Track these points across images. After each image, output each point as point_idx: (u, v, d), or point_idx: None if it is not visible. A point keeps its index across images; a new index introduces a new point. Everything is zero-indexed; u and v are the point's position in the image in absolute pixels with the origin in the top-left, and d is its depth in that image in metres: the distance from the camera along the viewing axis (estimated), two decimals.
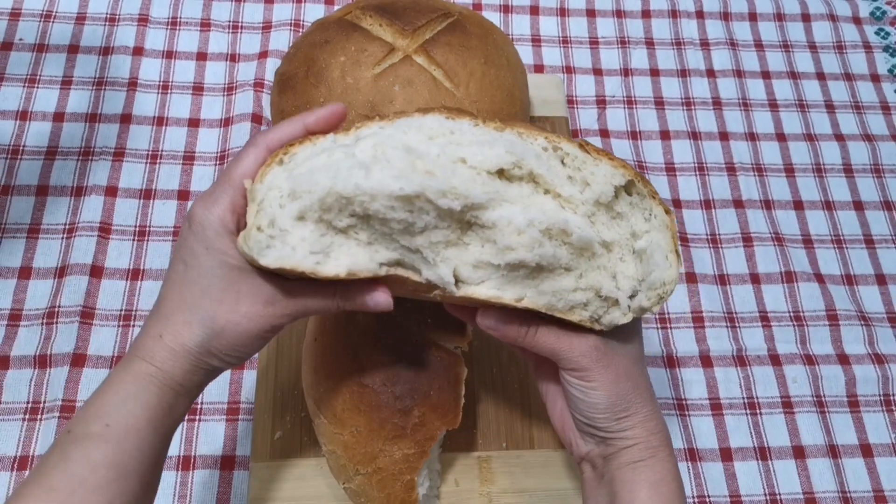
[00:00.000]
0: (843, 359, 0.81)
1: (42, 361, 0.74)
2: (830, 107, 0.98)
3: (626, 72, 0.98)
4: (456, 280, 0.45)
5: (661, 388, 0.79)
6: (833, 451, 0.77)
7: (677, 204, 0.90)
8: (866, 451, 0.77)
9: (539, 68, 0.98)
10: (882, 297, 0.86)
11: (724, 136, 0.95)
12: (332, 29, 0.73)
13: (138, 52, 0.93)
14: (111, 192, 0.84)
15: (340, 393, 0.61)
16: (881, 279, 0.87)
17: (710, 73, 0.99)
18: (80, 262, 0.79)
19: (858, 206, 0.92)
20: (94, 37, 0.93)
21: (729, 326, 0.83)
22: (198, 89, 0.92)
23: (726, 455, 0.76)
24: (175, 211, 0.84)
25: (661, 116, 0.95)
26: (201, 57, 0.94)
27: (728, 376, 0.80)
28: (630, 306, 0.46)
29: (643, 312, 0.47)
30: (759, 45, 1.02)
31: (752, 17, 1.04)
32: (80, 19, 0.95)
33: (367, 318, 0.63)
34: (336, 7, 0.99)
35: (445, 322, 0.63)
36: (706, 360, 0.81)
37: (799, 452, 0.77)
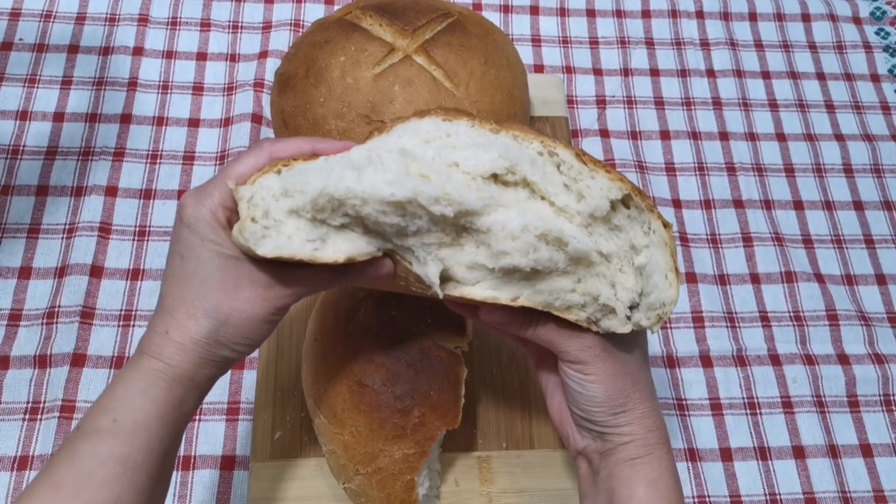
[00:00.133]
0: (843, 359, 0.81)
1: (42, 361, 0.74)
2: (830, 107, 0.98)
3: (626, 72, 0.98)
4: (451, 279, 0.45)
5: (661, 388, 0.79)
6: (833, 451, 0.77)
7: (677, 204, 0.90)
8: (866, 451, 0.77)
9: (539, 68, 0.98)
10: (882, 297, 0.86)
11: (724, 136, 0.95)
12: (332, 29, 0.73)
13: (138, 52, 0.93)
14: (111, 192, 0.84)
15: (340, 393, 0.61)
16: (881, 279, 0.87)
17: (710, 73, 0.99)
18: (80, 262, 0.79)
19: (858, 206, 0.92)
20: (94, 37, 0.93)
21: (729, 326, 0.83)
22: (198, 89, 0.92)
23: (726, 455, 0.76)
24: (175, 211, 0.84)
25: (661, 116, 0.95)
26: (201, 57, 0.94)
27: (728, 376, 0.80)
28: (629, 317, 0.46)
29: (643, 329, 0.47)
30: (759, 45, 1.02)
31: (752, 17, 1.04)
32: (80, 19, 0.95)
33: (368, 318, 0.63)
34: (336, 7, 0.99)
35: (445, 322, 0.63)
36: (706, 360, 0.81)
37: (799, 452, 0.77)
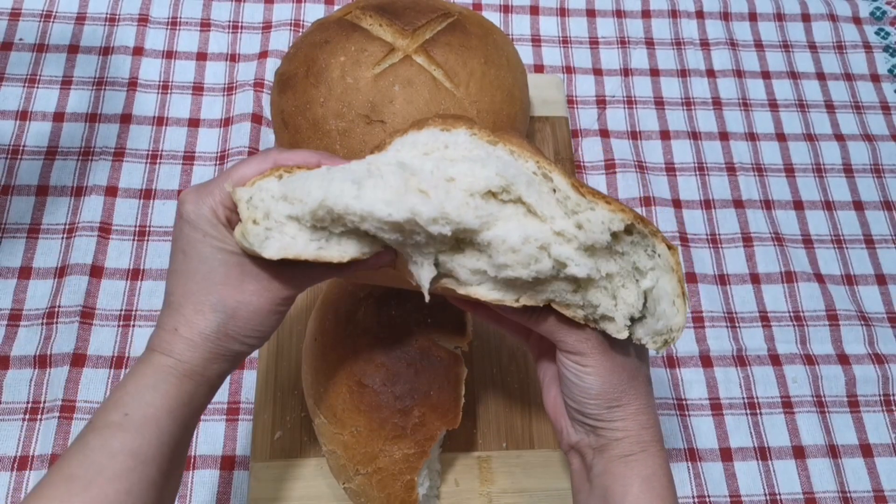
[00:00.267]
0: (843, 359, 0.81)
1: (42, 361, 0.74)
2: (830, 107, 0.98)
3: (626, 72, 0.98)
4: (454, 278, 0.45)
5: (661, 388, 0.79)
6: (833, 451, 0.77)
7: (677, 204, 0.90)
8: (866, 451, 0.77)
9: (539, 68, 0.98)
10: (882, 297, 0.86)
11: (724, 136, 0.95)
12: (332, 29, 0.73)
13: (138, 52, 0.93)
14: (111, 192, 0.84)
15: (340, 393, 0.61)
16: (881, 279, 0.87)
17: (710, 73, 0.99)
18: (80, 262, 0.79)
19: (858, 206, 0.92)
20: (94, 37, 0.93)
21: (729, 326, 0.83)
22: (198, 89, 0.92)
23: (726, 455, 0.76)
24: (175, 211, 0.84)
25: (661, 116, 0.95)
26: (201, 57, 0.94)
27: (728, 376, 0.80)
28: (627, 327, 0.45)
29: (644, 346, 0.46)
30: (759, 45, 1.02)
31: (752, 17, 1.04)
32: (80, 19, 0.95)
33: (368, 318, 0.63)
34: (336, 7, 0.99)
35: (445, 322, 0.63)
36: (706, 360, 0.81)
37: (799, 452, 0.77)
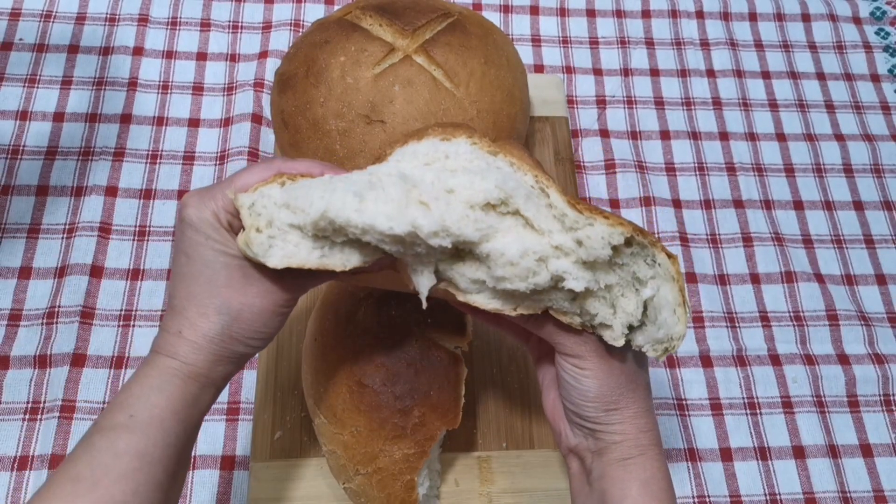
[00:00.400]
0: (843, 359, 0.81)
1: (42, 361, 0.74)
2: (830, 107, 0.98)
3: (626, 72, 0.98)
4: (450, 283, 0.45)
5: (661, 388, 0.79)
6: (833, 451, 0.77)
7: (677, 204, 0.90)
8: (866, 451, 0.77)
9: (539, 68, 0.98)
10: (882, 297, 0.86)
11: (724, 136, 0.95)
12: (332, 29, 0.73)
13: (138, 52, 0.93)
14: (111, 192, 0.84)
15: (340, 393, 0.61)
16: (881, 279, 0.87)
17: (710, 73, 0.99)
18: (80, 262, 0.79)
19: (858, 206, 0.92)
20: (94, 37, 0.93)
21: (729, 326, 0.83)
22: (198, 89, 0.92)
23: (726, 455, 0.76)
24: (175, 211, 0.84)
25: (661, 116, 0.95)
26: (201, 57, 0.94)
27: (728, 376, 0.80)
28: (625, 335, 0.45)
29: (644, 354, 0.46)
30: (759, 45, 1.02)
31: (752, 17, 1.04)
32: (80, 19, 0.95)
33: (368, 318, 0.63)
34: (336, 7, 0.99)
35: (445, 322, 0.63)
36: (706, 360, 0.81)
37: (799, 452, 0.77)
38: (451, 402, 0.61)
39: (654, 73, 0.99)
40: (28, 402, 0.73)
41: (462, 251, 0.44)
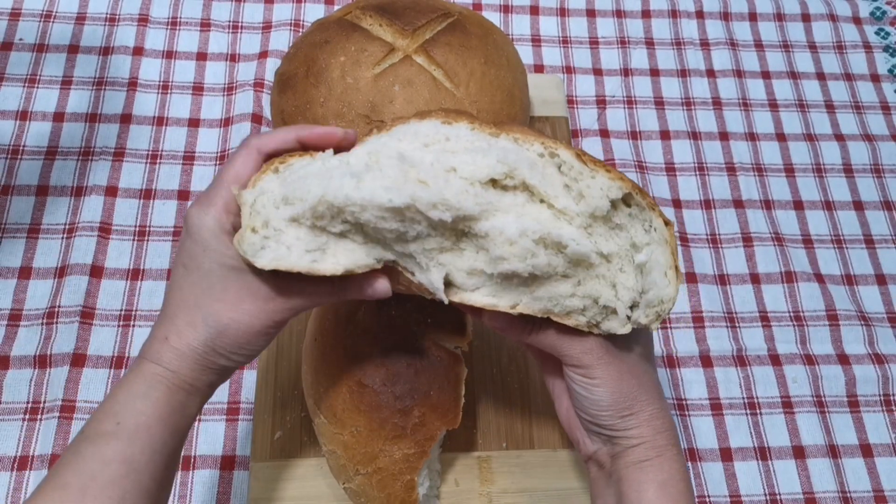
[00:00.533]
0: (843, 359, 0.81)
1: (42, 361, 0.74)
2: (830, 107, 0.98)
3: (626, 72, 0.98)
4: (450, 285, 0.45)
5: None
6: (833, 451, 0.77)
7: (677, 204, 0.90)
8: (866, 451, 0.77)
9: (539, 68, 0.98)
10: (882, 297, 0.86)
11: (724, 136, 0.95)
12: (332, 29, 0.73)
13: (138, 52, 0.93)
14: (111, 192, 0.84)
15: (340, 393, 0.61)
16: (881, 279, 0.87)
17: (710, 73, 0.99)
18: (80, 262, 0.79)
19: (858, 206, 0.92)
20: (94, 37, 0.93)
21: (729, 326, 0.83)
22: (198, 89, 0.92)
23: (726, 455, 0.76)
24: (175, 211, 0.84)
25: (661, 116, 0.95)
26: (201, 57, 0.94)
27: (728, 376, 0.80)
28: (630, 317, 0.46)
29: (642, 327, 0.46)
30: (759, 45, 1.02)
31: (752, 17, 1.04)
32: (80, 19, 0.95)
33: (368, 318, 0.63)
34: (336, 7, 0.99)
35: (445, 322, 0.63)
36: (706, 360, 0.81)
37: (799, 452, 0.77)
38: (451, 402, 0.61)
39: (654, 73, 0.99)
40: (28, 402, 0.73)
41: (462, 234, 0.44)
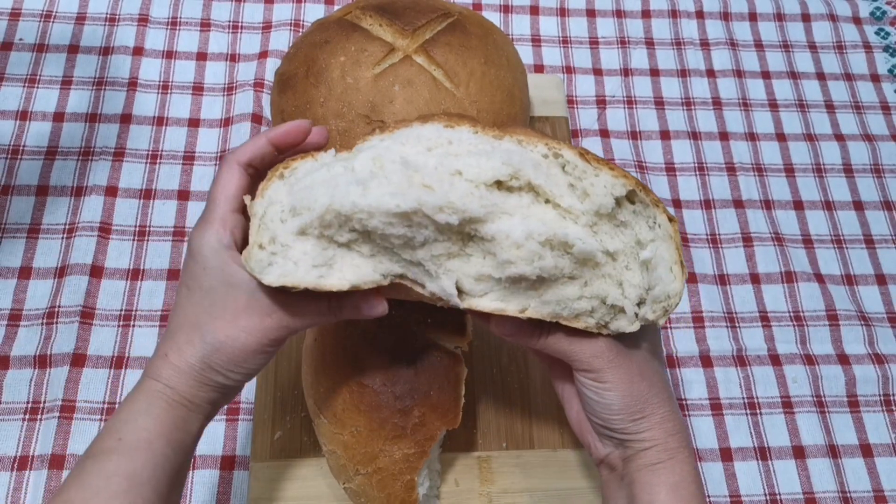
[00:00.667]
0: (843, 359, 0.81)
1: (42, 361, 0.74)
2: (830, 107, 0.98)
3: (626, 72, 0.98)
4: (459, 291, 0.45)
5: None
6: (833, 451, 0.77)
7: (677, 204, 0.90)
8: (866, 451, 0.77)
9: (539, 68, 0.98)
10: (882, 297, 0.86)
11: (724, 136, 0.95)
12: (332, 29, 0.73)
13: (138, 52, 0.93)
14: (111, 192, 0.84)
15: (340, 393, 0.61)
16: (881, 279, 0.87)
17: (710, 73, 0.99)
18: (80, 262, 0.79)
19: (858, 206, 0.92)
20: (94, 37, 0.93)
21: (729, 326, 0.83)
22: (198, 89, 0.92)
23: (726, 455, 0.76)
24: (175, 211, 0.84)
25: (661, 116, 0.95)
26: (201, 57, 0.94)
27: (728, 376, 0.80)
28: (637, 314, 0.46)
29: (649, 323, 0.46)
30: (759, 45, 1.02)
31: (752, 17, 1.04)
32: (80, 19, 0.95)
33: (368, 319, 0.63)
34: (336, 7, 0.99)
35: (445, 322, 0.63)
36: (706, 360, 0.81)
37: (799, 452, 0.77)
38: (451, 402, 0.61)
39: (654, 73, 0.99)
40: (28, 402, 0.73)
41: (468, 237, 0.44)
